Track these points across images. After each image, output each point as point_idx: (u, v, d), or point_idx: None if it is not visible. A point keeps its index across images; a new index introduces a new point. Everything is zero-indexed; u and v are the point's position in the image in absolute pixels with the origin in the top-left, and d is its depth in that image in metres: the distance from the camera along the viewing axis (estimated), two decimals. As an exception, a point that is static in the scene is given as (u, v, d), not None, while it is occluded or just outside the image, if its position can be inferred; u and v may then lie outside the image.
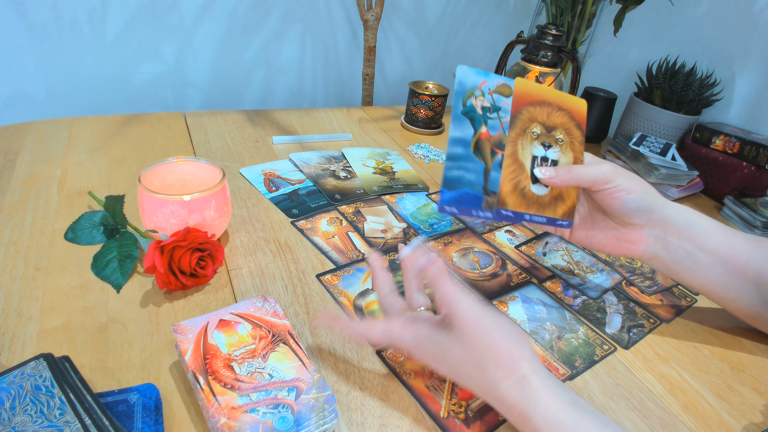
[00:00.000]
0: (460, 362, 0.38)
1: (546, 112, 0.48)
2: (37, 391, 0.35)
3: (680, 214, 0.49)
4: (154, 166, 0.56)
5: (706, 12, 1.01)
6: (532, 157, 0.47)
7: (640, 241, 0.50)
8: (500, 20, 1.54)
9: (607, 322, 0.56)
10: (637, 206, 0.47)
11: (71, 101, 1.25)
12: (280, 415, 0.36)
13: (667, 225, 0.49)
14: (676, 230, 0.49)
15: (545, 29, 0.87)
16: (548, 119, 0.48)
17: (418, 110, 0.96)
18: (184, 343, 0.40)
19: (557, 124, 0.48)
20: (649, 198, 0.48)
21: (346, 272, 0.57)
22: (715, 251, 0.49)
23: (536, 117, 0.47)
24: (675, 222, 0.49)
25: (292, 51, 1.44)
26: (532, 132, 0.47)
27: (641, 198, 0.47)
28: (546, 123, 0.48)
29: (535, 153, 0.47)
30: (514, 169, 0.47)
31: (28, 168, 0.68)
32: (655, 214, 0.48)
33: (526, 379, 0.36)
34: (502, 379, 0.36)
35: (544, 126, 0.47)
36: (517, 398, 0.36)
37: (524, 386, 0.36)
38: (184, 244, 0.49)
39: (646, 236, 0.49)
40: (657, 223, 0.49)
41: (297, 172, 0.77)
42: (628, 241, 0.50)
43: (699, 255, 0.49)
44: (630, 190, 0.47)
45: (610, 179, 0.46)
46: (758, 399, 0.48)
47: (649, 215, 0.48)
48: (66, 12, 1.15)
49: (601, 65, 1.25)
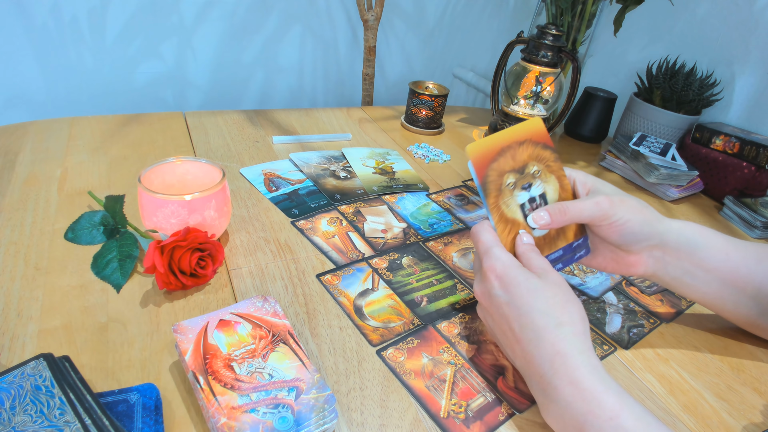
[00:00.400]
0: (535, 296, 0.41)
1: (509, 156, 0.45)
2: (37, 391, 0.35)
3: (680, 236, 0.48)
4: (154, 166, 0.56)
5: (706, 12, 1.01)
6: (520, 206, 0.46)
7: (638, 263, 0.49)
8: (500, 20, 1.54)
9: (607, 322, 0.56)
10: (634, 238, 0.47)
11: (71, 101, 1.25)
12: (280, 415, 0.36)
13: (666, 247, 0.48)
14: (674, 252, 0.48)
15: (545, 29, 0.87)
16: (515, 161, 0.46)
17: (418, 110, 0.97)
18: (184, 343, 0.40)
19: (525, 160, 0.46)
20: (647, 227, 0.47)
21: (346, 272, 0.57)
22: (714, 269, 0.49)
23: (503, 168, 0.45)
24: (675, 244, 0.48)
25: (292, 51, 1.44)
26: (507, 185, 0.45)
27: (639, 229, 0.46)
28: (515, 167, 0.46)
29: (519, 201, 0.46)
30: (510, 230, 0.45)
31: (28, 168, 0.68)
32: (653, 239, 0.48)
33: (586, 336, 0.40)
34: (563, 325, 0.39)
35: (515, 170, 0.46)
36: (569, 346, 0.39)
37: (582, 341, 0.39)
38: (184, 244, 0.49)
39: (645, 258, 0.49)
40: (656, 246, 0.48)
41: (297, 172, 0.77)
42: (627, 264, 0.50)
43: (697, 273, 0.49)
44: (627, 223, 0.46)
45: (606, 215, 0.46)
46: (758, 399, 0.48)
47: (648, 242, 0.48)
48: (66, 12, 1.15)
49: (601, 65, 1.25)
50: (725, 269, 0.49)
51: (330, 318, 0.50)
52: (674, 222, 0.49)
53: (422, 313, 0.53)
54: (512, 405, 0.44)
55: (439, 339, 0.50)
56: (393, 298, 0.54)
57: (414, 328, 0.51)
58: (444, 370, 0.46)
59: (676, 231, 0.48)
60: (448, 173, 0.84)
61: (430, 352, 0.48)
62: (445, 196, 0.76)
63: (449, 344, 0.49)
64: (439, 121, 1.00)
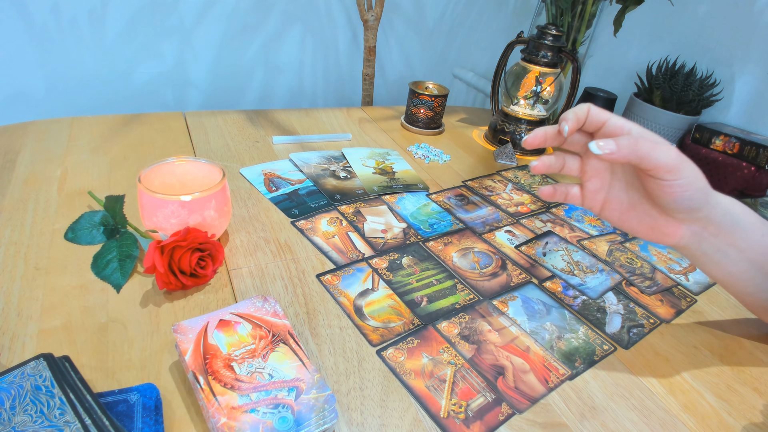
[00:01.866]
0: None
1: None
2: (37, 391, 0.35)
3: (726, 214, 0.46)
4: (154, 166, 0.56)
5: (706, 12, 1.01)
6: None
7: (676, 234, 0.47)
8: (500, 20, 1.54)
9: (607, 322, 0.56)
10: (686, 205, 0.44)
11: (71, 101, 1.25)
12: (280, 415, 0.36)
13: (709, 223, 0.46)
14: (716, 227, 0.46)
15: (545, 29, 0.87)
16: None
17: (418, 110, 0.97)
18: (184, 343, 0.40)
19: None
20: (702, 197, 0.44)
21: (346, 272, 0.57)
22: (747, 249, 0.47)
23: None
24: (718, 221, 0.46)
25: (292, 51, 1.44)
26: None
27: (696, 196, 0.43)
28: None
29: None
30: None
31: (28, 168, 0.68)
32: (702, 211, 0.45)
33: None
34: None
35: None
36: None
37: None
38: (184, 244, 0.49)
39: (684, 230, 0.46)
40: (699, 220, 0.45)
41: (297, 172, 0.77)
42: (663, 232, 0.47)
43: (730, 251, 0.47)
44: (688, 186, 0.42)
45: (674, 171, 0.41)
46: (758, 399, 0.48)
47: (697, 213, 0.45)
48: (66, 12, 1.15)
49: (601, 65, 1.25)
50: (757, 250, 0.47)
51: (330, 318, 0.50)
52: (722, 197, 0.46)
53: (422, 313, 0.53)
54: (512, 405, 0.44)
55: (439, 339, 0.50)
56: (393, 298, 0.54)
57: (414, 328, 0.51)
58: (444, 370, 0.46)
59: (723, 207, 0.46)
60: (448, 173, 0.84)
61: (430, 352, 0.48)
62: (445, 197, 0.76)
63: (449, 344, 0.49)
64: (439, 121, 1.00)
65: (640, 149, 0.40)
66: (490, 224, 0.70)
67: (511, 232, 0.69)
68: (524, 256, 0.64)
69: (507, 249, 0.66)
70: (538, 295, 0.58)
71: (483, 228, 0.69)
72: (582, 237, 0.71)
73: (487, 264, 0.62)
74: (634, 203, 0.47)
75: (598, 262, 0.65)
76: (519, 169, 0.89)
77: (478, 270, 0.61)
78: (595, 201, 0.48)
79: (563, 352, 0.50)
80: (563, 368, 0.49)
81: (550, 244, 0.68)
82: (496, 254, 0.64)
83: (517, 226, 0.71)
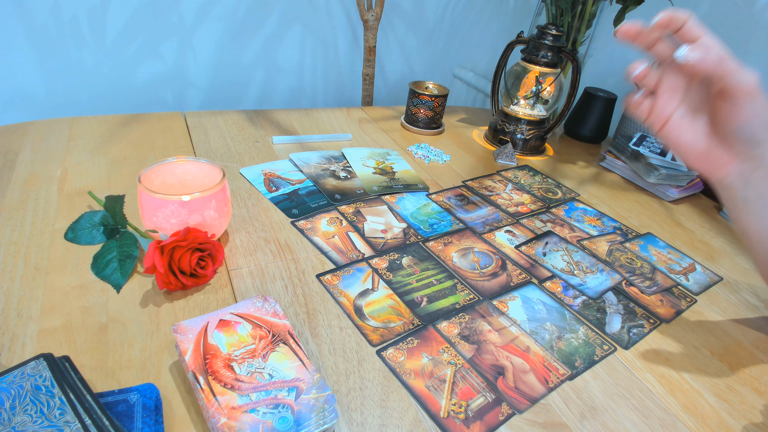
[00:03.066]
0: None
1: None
2: (37, 391, 0.35)
3: None
4: (154, 166, 0.56)
5: (706, 12, 1.01)
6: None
7: (725, 168, 0.46)
8: (500, 20, 1.54)
9: (607, 322, 0.56)
10: (750, 136, 0.43)
11: (71, 101, 1.25)
12: (280, 415, 0.36)
13: (762, 165, 0.45)
14: (764, 173, 0.45)
15: (545, 29, 0.87)
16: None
17: (418, 110, 0.97)
18: (184, 343, 0.40)
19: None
20: (766, 132, 0.43)
21: (346, 272, 0.57)
22: None
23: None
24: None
25: (292, 51, 1.44)
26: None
27: (761, 129, 0.43)
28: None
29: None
30: None
31: (28, 168, 0.68)
32: (759, 149, 0.44)
33: None
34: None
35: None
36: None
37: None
38: (184, 244, 0.49)
39: (735, 167, 0.46)
40: (754, 158, 0.45)
41: (297, 172, 0.77)
42: (713, 163, 0.47)
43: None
44: (758, 116, 0.42)
45: (752, 95, 0.41)
46: (758, 399, 0.48)
47: (754, 149, 0.44)
48: (66, 12, 1.15)
49: (601, 65, 1.25)
50: None
51: (330, 318, 0.50)
52: None
53: (422, 313, 0.53)
54: (512, 405, 0.44)
55: (439, 339, 0.50)
56: (393, 298, 0.54)
57: (414, 328, 0.51)
58: (444, 370, 0.46)
59: None
60: (448, 173, 0.84)
61: (430, 352, 0.48)
62: (445, 197, 0.76)
63: (449, 344, 0.49)
64: (439, 121, 1.00)
65: (727, 64, 0.41)
66: (490, 224, 0.70)
67: (511, 232, 0.69)
68: (524, 256, 0.64)
69: (507, 249, 0.66)
70: (538, 295, 0.58)
71: (483, 228, 0.69)
72: (582, 237, 0.71)
73: (487, 264, 0.62)
74: (696, 123, 0.47)
75: (598, 262, 0.65)
76: (519, 169, 0.89)
77: (478, 270, 0.61)
78: (660, 117, 0.48)
79: (563, 352, 0.50)
80: (563, 368, 0.49)
81: (550, 244, 0.68)
82: (496, 254, 0.64)
83: (517, 226, 0.71)
